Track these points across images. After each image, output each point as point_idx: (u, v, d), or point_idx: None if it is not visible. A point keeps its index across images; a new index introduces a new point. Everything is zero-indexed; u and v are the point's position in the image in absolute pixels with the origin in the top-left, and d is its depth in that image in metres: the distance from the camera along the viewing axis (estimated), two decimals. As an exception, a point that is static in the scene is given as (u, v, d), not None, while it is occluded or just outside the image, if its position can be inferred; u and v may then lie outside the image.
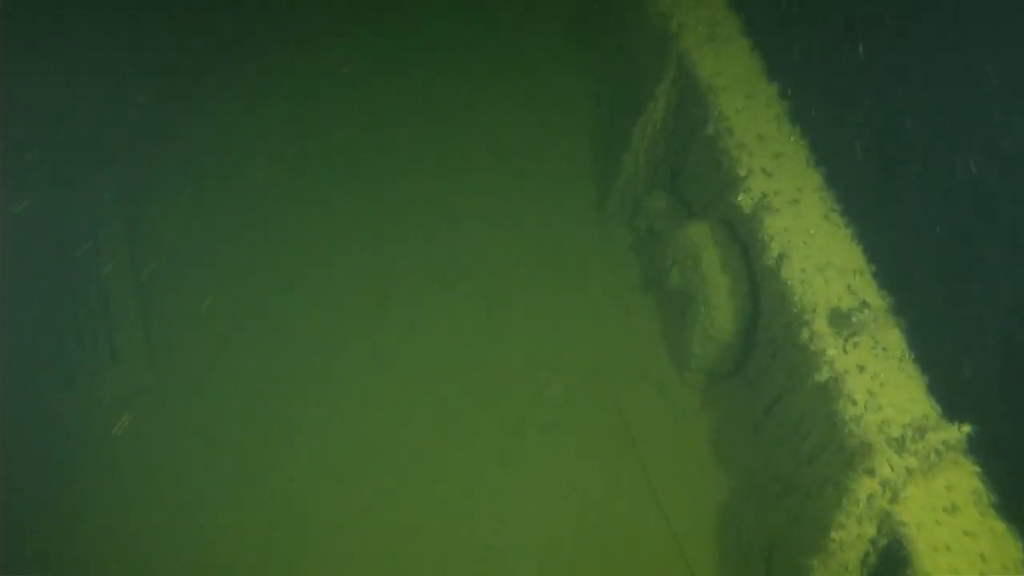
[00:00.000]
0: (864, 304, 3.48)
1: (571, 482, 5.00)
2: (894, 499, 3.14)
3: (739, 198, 4.15)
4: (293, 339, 5.76)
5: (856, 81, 4.90)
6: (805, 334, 3.67)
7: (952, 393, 3.30)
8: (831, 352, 3.53)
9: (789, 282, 3.80)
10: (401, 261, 6.06)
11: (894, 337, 3.50)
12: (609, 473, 5.16)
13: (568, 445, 5.25)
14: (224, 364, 5.69)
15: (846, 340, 3.52)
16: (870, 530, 3.25)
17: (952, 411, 3.28)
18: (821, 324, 3.63)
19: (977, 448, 3.18)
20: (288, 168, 6.62)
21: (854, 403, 3.35)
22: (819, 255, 3.84)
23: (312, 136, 6.82)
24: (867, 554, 3.34)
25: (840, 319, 3.55)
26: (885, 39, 4.81)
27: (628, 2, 5.70)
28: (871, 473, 3.18)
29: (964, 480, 3.15)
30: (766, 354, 4.65)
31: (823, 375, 3.54)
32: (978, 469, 3.19)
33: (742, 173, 4.22)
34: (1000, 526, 3.05)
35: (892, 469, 3.15)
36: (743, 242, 4.63)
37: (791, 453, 4.32)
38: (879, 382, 3.38)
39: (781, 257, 3.90)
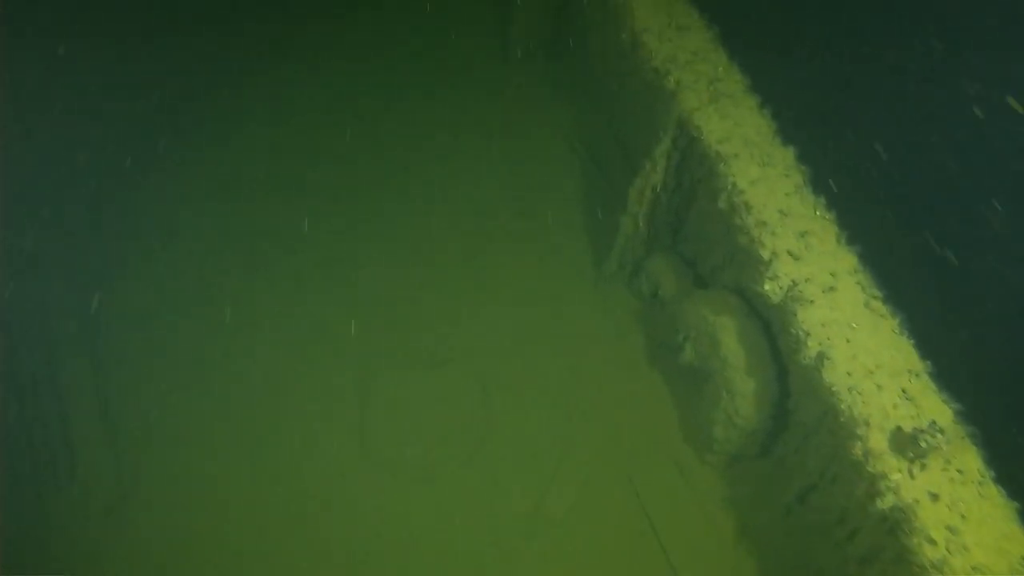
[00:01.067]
0: (933, 426, 2.91)
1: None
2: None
3: (765, 287, 3.57)
4: (272, 423, 5.05)
5: (891, 141, 4.30)
6: (858, 450, 3.11)
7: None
8: (895, 477, 2.97)
9: (834, 388, 3.23)
10: (385, 336, 5.42)
11: (969, 455, 2.95)
12: (630, 568, 4.58)
13: (582, 539, 4.65)
14: (199, 465, 5.00)
15: (911, 462, 2.96)
16: None
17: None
18: (878, 440, 3.06)
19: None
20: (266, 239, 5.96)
21: (932, 543, 2.79)
22: (865, 355, 3.27)
23: (286, 212, 6.15)
24: None
25: (902, 438, 2.99)
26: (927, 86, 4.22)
27: (620, 57, 5.10)
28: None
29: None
30: (797, 436, 4.09)
31: (886, 502, 2.97)
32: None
33: (765, 256, 3.64)
34: None
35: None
36: (763, 317, 4.08)
37: (834, 548, 3.77)
38: (959, 513, 2.83)
39: (821, 358, 3.32)
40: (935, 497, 2.88)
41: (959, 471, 2.92)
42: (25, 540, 4.60)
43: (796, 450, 4.15)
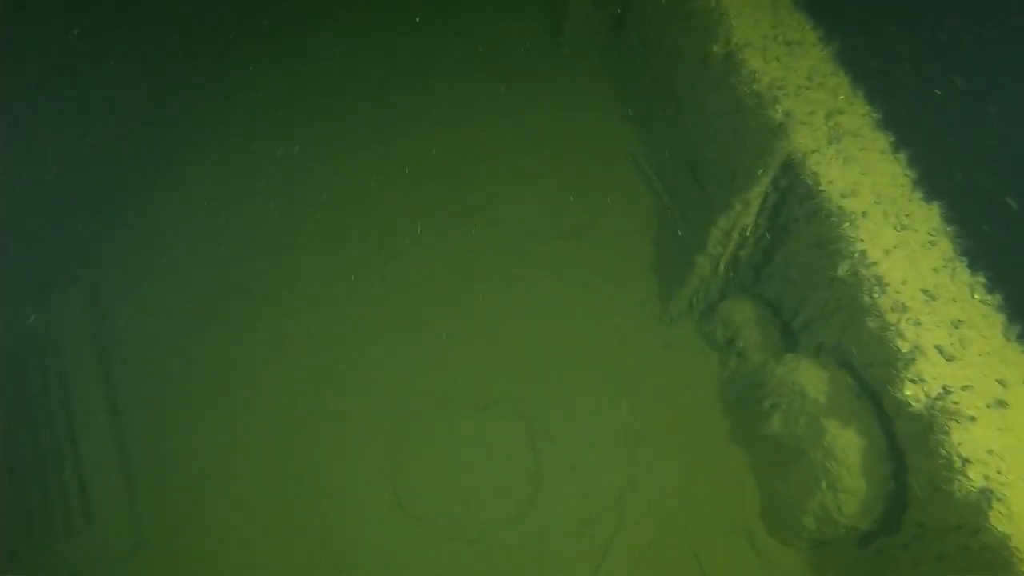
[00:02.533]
0: None
1: None
2: None
3: (905, 392, 2.72)
4: (297, 466, 4.36)
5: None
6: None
7: None
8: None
9: (1009, 542, 2.42)
10: (419, 372, 4.65)
11: None
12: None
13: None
14: (221, 518, 4.33)
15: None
16: None
17: None
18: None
19: None
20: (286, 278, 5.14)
21: None
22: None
23: (314, 224, 5.32)
24: None
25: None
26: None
27: (704, 69, 4.14)
28: None
29: None
30: (914, 536, 3.30)
31: None
32: None
33: (904, 349, 2.79)
34: None
35: None
36: (876, 396, 3.26)
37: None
38: None
39: (987, 497, 2.50)
40: None
41: None
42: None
43: (907, 547, 3.37)
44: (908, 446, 2.90)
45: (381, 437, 4.44)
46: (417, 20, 5.98)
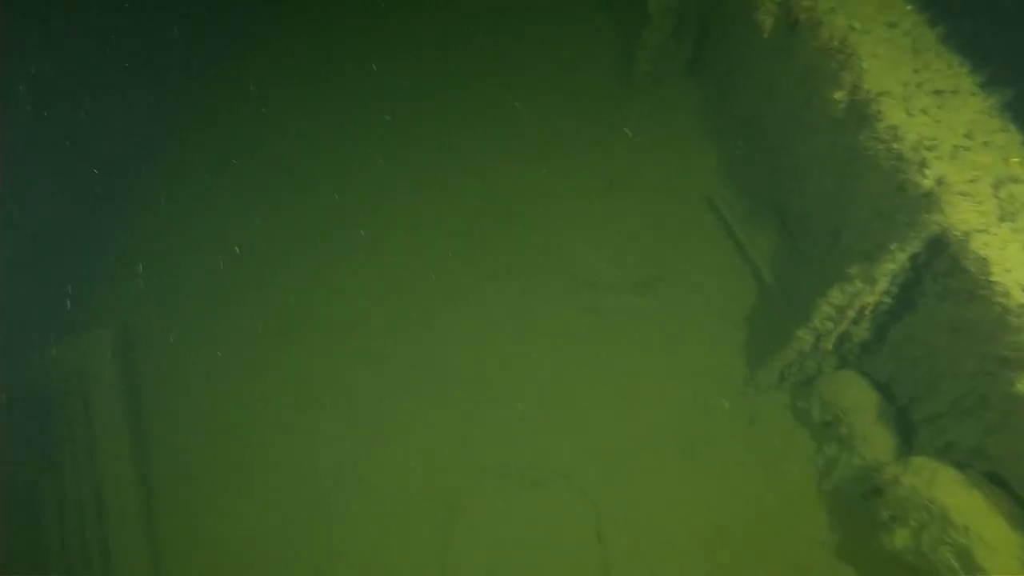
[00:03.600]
0: None
1: None
2: None
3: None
4: (336, 540, 3.81)
5: None
6: None
7: None
8: None
9: None
10: (475, 443, 4.03)
11: None
12: None
13: None
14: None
15: None
16: None
17: None
18: None
19: None
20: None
21: None
22: None
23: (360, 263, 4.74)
24: None
25: None
26: None
27: (820, 115, 3.45)
28: None
29: None
30: None
31: None
32: None
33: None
34: None
35: None
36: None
37: None
38: None
39: None
40: None
41: None
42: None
43: None
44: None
45: (431, 512, 3.85)
46: (476, 44, 5.40)
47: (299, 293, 4.55)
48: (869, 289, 2.95)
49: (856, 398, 3.49)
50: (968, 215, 2.51)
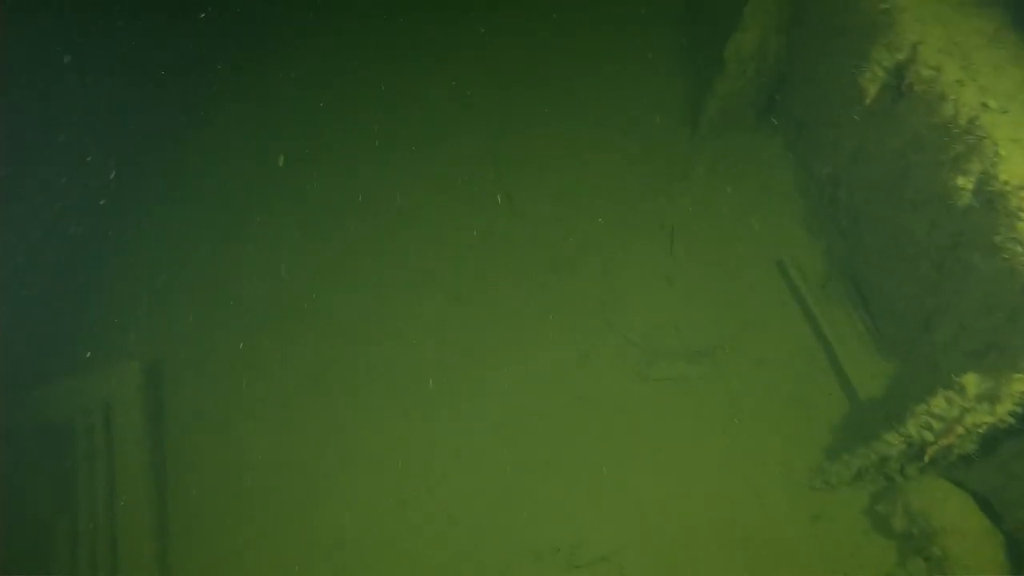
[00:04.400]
0: None
1: None
2: None
3: None
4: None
5: None
6: None
7: None
8: None
9: None
10: (511, 521, 3.62)
11: None
12: None
13: None
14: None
15: None
16: None
17: None
18: None
19: None
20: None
21: None
22: None
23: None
24: None
25: None
26: None
27: (918, 193, 3.00)
28: None
29: None
30: None
31: None
32: None
33: None
34: None
35: None
36: None
37: None
38: None
39: None
40: None
41: None
42: None
43: None
44: None
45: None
46: (538, 81, 5.02)
47: (342, 340, 4.20)
48: (988, 409, 2.49)
49: (954, 517, 3.01)
50: None
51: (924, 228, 3.16)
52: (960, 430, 2.64)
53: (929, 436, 2.79)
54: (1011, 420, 2.57)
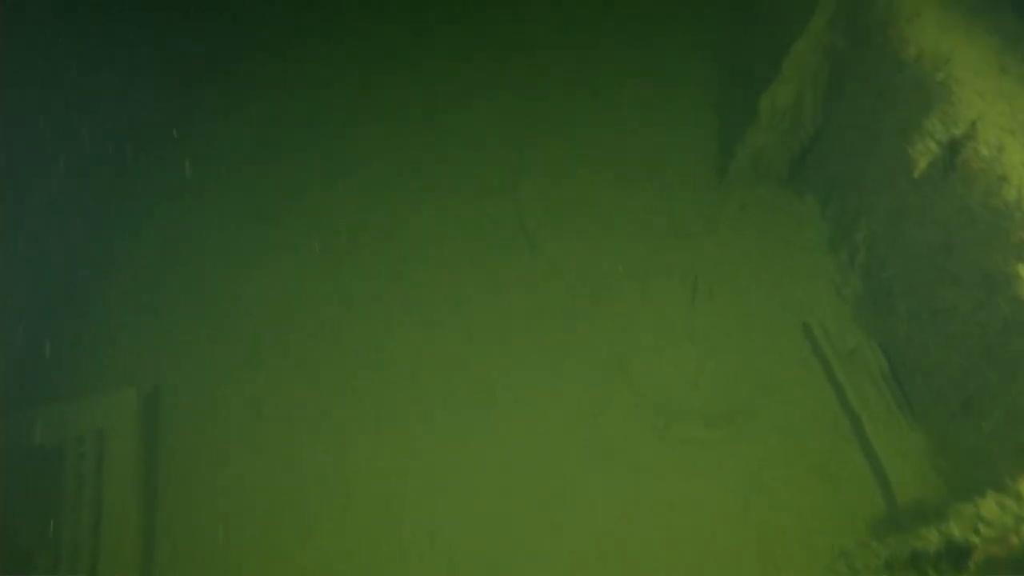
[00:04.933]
0: None
1: None
2: None
3: None
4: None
5: None
6: None
7: None
8: None
9: None
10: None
11: None
12: None
13: None
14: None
15: None
16: None
17: None
18: None
19: None
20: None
21: None
22: None
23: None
24: None
25: None
26: None
27: (967, 273, 2.79)
28: None
29: None
30: None
31: None
32: None
33: None
34: None
35: None
36: None
37: None
38: None
39: None
40: None
41: None
42: None
43: None
44: None
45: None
46: (562, 125, 4.85)
47: (349, 374, 3.99)
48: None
49: None
50: None
51: (969, 306, 2.95)
52: (1015, 540, 2.40)
53: (975, 540, 2.56)
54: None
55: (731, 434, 3.72)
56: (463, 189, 4.73)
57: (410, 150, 4.87)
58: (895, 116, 3.20)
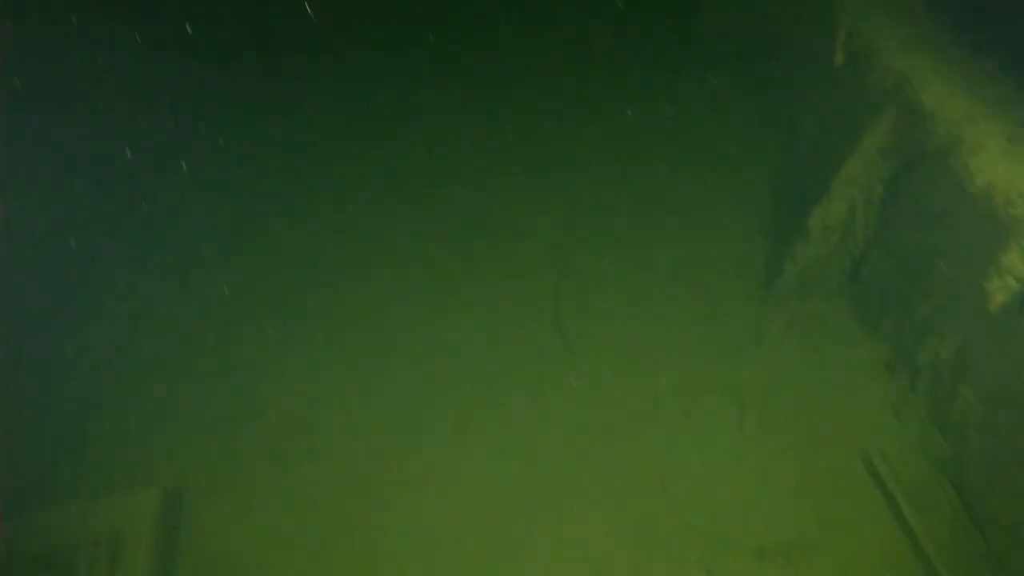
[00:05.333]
0: None
1: None
2: None
3: None
4: None
5: None
6: None
7: None
8: None
9: None
10: None
11: None
12: None
13: None
14: None
15: None
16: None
17: None
18: None
19: None
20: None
21: None
22: None
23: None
24: None
25: None
26: None
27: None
28: None
29: None
30: None
31: None
32: None
33: None
34: None
35: None
36: None
37: None
38: None
39: None
40: None
41: None
42: None
43: None
44: None
45: None
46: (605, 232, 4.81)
47: (377, 481, 3.78)
48: None
49: None
50: None
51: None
52: None
53: None
54: None
55: (785, 572, 3.37)
56: (501, 292, 4.63)
57: (445, 250, 4.83)
58: (959, 243, 3.04)
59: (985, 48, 3.36)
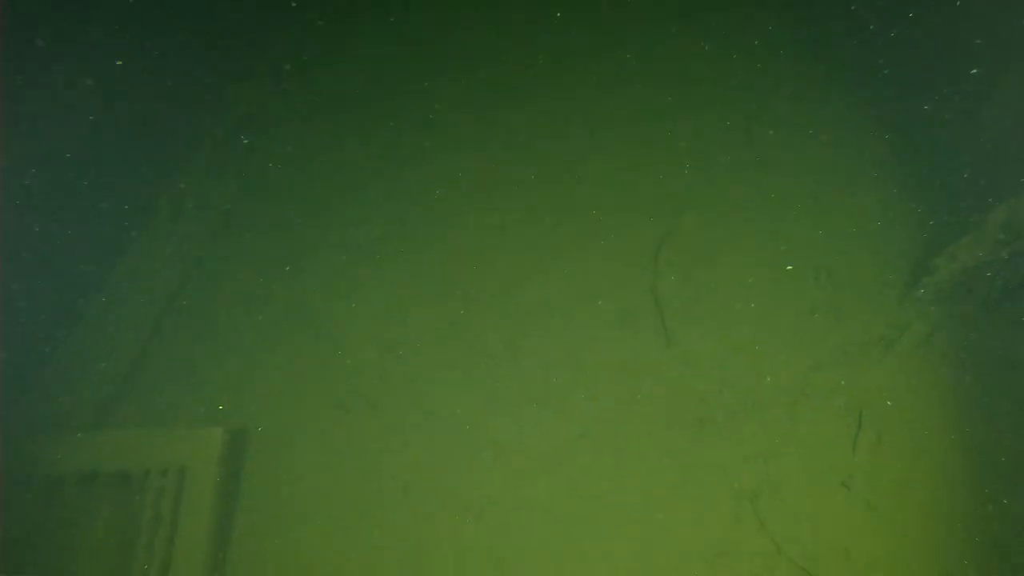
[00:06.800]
0: None
1: None
2: None
3: None
4: None
5: None
6: None
7: None
8: None
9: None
10: None
11: None
12: None
13: None
14: None
15: None
16: None
17: None
18: None
19: None
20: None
21: None
22: None
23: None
24: None
25: None
26: None
27: None
28: None
29: None
30: None
31: None
32: None
33: None
34: None
35: None
36: None
37: None
38: None
39: None
40: None
41: None
42: None
43: None
44: None
45: None
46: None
47: (434, 447, 3.46)
48: None
49: None
50: None
51: None
52: None
53: None
54: None
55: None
56: (593, 248, 4.03)
57: (540, 202, 4.21)
58: None
59: None
